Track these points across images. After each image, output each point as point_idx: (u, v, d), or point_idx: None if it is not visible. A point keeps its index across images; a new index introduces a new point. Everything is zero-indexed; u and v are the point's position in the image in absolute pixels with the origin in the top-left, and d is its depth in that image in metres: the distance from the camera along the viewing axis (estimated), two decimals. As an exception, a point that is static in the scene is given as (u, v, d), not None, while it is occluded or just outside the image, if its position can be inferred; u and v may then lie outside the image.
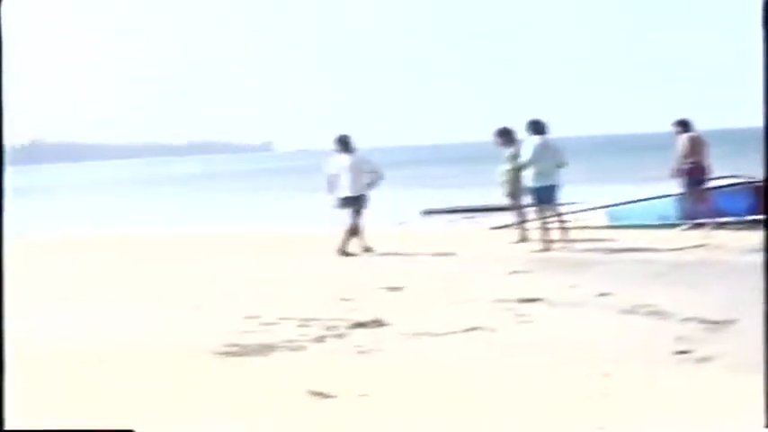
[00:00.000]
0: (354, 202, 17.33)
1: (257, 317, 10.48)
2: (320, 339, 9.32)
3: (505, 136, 17.88)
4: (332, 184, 17.52)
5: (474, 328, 9.51)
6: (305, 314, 10.48)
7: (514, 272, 13.49)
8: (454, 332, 9.40)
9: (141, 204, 42.08)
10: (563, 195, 17.13)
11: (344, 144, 17.62)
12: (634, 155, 64.61)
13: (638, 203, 20.07)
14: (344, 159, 17.48)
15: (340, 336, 9.46)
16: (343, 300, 11.48)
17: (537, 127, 16.80)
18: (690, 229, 17.79)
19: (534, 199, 16.63)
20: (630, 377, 7.39)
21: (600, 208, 20.59)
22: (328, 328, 9.75)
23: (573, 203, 20.71)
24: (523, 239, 17.35)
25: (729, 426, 6.09)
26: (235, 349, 8.96)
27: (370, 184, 17.43)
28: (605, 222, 19.50)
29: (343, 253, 16.81)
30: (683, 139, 18.31)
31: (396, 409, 6.85)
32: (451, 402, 6.97)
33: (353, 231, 17.19)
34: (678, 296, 10.83)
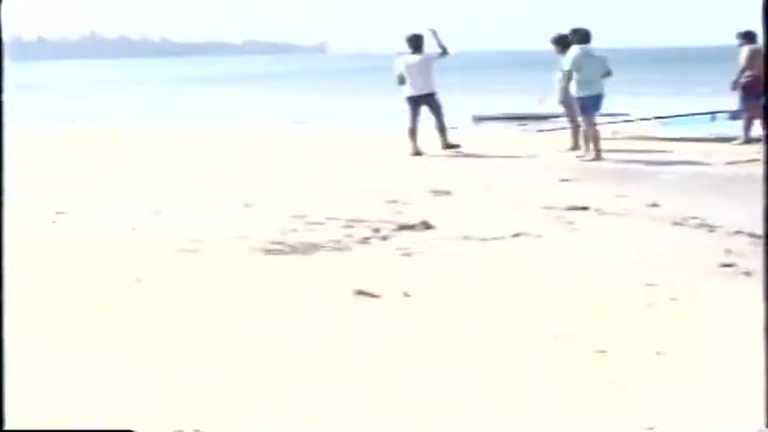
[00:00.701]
0: (423, 101, 17.56)
1: (303, 216, 10.51)
2: (365, 241, 9.34)
3: (560, 43, 17.69)
4: (402, 82, 17.79)
5: (520, 234, 9.51)
6: (351, 215, 10.49)
7: (565, 180, 13.43)
8: (501, 237, 9.40)
9: (194, 101, 42.11)
10: (613, 105, 17.01)
11: (414, 43, 17.77)
12: (685, 67, 63.81)
13: (689, 116, 19.90)
14: (413, 58, 17.66)
15: (385, 237, 9.48)
16: (390, 201, 11.48)
17: (579, 36, 16.76)
18: (744, 143, 17.61)
19: (579, 108, 16.59)
20: (675, 288, 7.36)
21: (652, 119, 20.41)
22: (374, 230, 9.77)
23: (623, 114, 20.55)
24: (574, 147, 17.24)
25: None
26: (279, 247, 9.01)
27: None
28: (656, 134, 19.33)
29: (417, 153, 17.11)
30: (745, 50, 18.02)
31: (439, 309, 6.89)
32: (493, 304, 6.99)
33: (440, 129, 17.58)
34: (728, 209, 10.74)
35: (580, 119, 16.69)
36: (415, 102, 17.64)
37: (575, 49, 16.61)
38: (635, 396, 5.16)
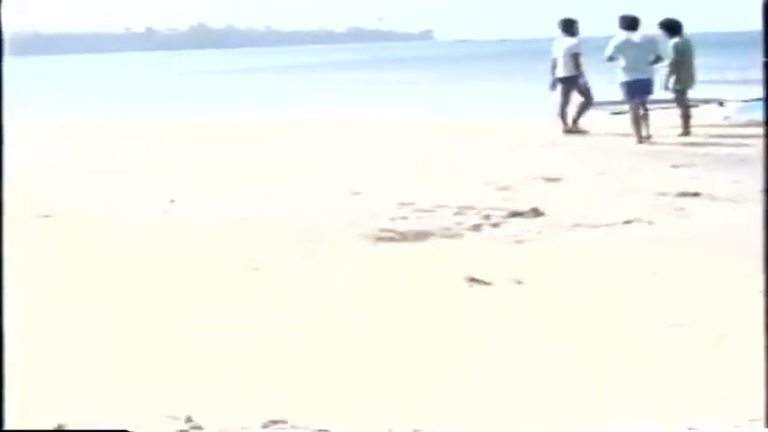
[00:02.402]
0: (572, 83, 18.05)
1: (412, 203, 10.53)
2: (476, 228, 9.35)
3: (666, 28, 17.69)
4: (553, 65, 18.36)
5: (632, 221, 9.45)
6: (462, 201, 10.49)
7: (675, 165, 13.31)
8: (612, 224, 9.35)
9: (306, 89, 42.34)
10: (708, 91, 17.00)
11: (567, 27, 18.34)
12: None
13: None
14: (565, 42, 18.17)
15: (496, 224, 9.48)
16: (500, 188, 11.47)
17: (624, 22, 17.22)
18: None
19: (625, 92, 16.96)
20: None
21: (739, 101, 20.16)
22: (485, 217, 9.76)
23: (716, 99, 20.39)
24: (685, 133, 17.10)
25: None
26: (390, 235, 9.06)
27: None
28: (755, 118, 19.05)
29: (574, 131, 17.76)
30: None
31: (551, 296, 6.88)
32: (605, 292, 6.97)
33: (584, 107, 18.08)
34: None
35: (629, 103, 16.99)
36: (566, 83, 18.08)
37: (621, 35, 17.08)
38: (754, 383, 5.12)
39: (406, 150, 16.06)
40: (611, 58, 17.13)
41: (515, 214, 9.87)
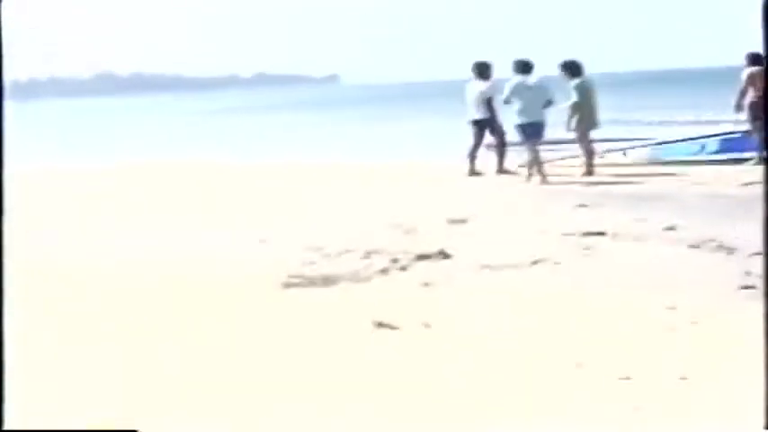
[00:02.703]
0: (485, 125, 18.29)
1: (321, 248, 10.50)
2: (384, 271, 9.33)
3: (568, 69, 18.02)
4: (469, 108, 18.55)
5: (539, 261, 9.49)
6: (370, 245, 10.48)
7: (581, 205, 13.43)
8: (519, 265, 9.38)
9: (208, 134, 42.18)
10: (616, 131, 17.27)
11: (481, 71, 18.57)
12: (687, 89, 63.86)
13: (684, 141, 19.96)
14: (478, 85, 18.35)
15: (404, 268, 9.48)
16: (408, 231, 11.48)
17: (518, 66, 17.65)
18: (758, 163, 17.61)
19: (520, 135, 17.36)
20: (696, 311, 7.35)
21: (649, 144, 20.49)
22: (393, 260, 9.76)
23: (627, 140, 20.70)
24: (588, 173, 17.33)
25: None
26: (298, 280, 9.01)
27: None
28: (657, 159, 19.41)
29: (473, 174, 18.01)
30: (746, 72, 18.16)
31: (459, 340, 6.87)
32: (512, 333, 6.98)
33: (501, 150, 18.25)
34: (745, 231, 10.71)
35: (524, 145, 17.37)
36: (478, 126, 18.30)
37: (516, 78, 17.50)
38: (661, 424, 5.15)
39: (315, 194, 16.04)
40: (507, 101, 17.52)
41: (423, 257, 9.87)
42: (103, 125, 59.06)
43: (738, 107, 18.25)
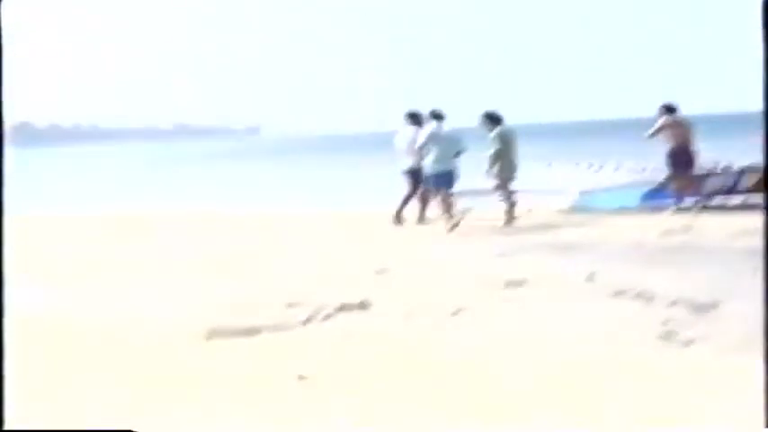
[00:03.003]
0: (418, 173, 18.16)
1: (244, 299, 10.45)
2: (306, 322, 9.30)
3: (490, 120, 18.23)
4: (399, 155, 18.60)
5: (459, 311, 9.51)
6: (293, 295, 10.44)
7: (502, 254, 13.50)
8: (440, 315, 9.39)
9: (124, 186, 41.92)
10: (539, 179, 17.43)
11: (413, 119, 18.64)
12: (612, 138, 64.73)
13: (607, 190, 20.20)
14: (410, 134, 18.38)
15: (326, 317, 9.45)
16: (330, 282, 11.46)
17: (432, 116, 17.98)
18: (675, 213, 17.87)
19: (433, 183, 17.54)
20: (616, 360, 7.40)
21: (576, 193, 20.69)
22: (316, 311, 9.73)
23: (548, 191, 20.90)
24: (509, 221, 17.47)
25: (715, 407, 6.11)
26: (221, 331, 8.95)
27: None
28: (581, 208, 19.62)
29: (398, 222, 18.07)
30: (662, 123, 18.49)
31: (380, 392, 6.86)
32: (433, 384, 6.98)
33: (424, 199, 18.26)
34: (664, 280, 10.84)
35: (435, 193, 17.60)
36: (410, 175, 18.29)
37: (429, 127, 17.78)
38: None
39: (238, 244, 15.98)
40: (423, 149, 17.69)
41: (345, 307, 9.85)
42: (21, 177, 58.29)
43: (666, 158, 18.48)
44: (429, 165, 17.53)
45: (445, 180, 17.43)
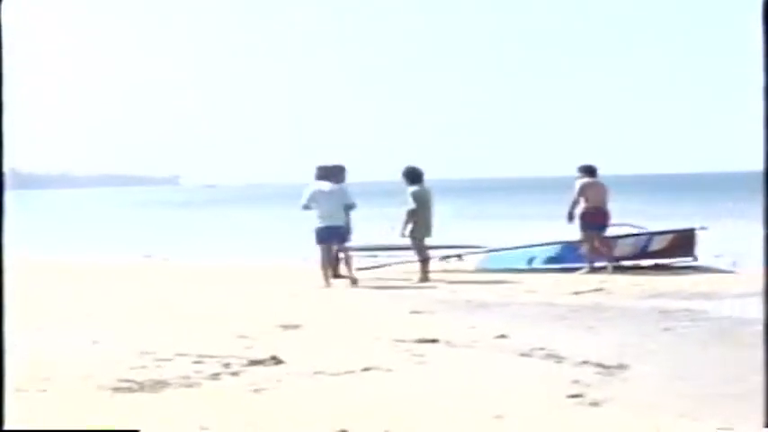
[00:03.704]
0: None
1: (152, 352, 10.34)
2: (215, 377, 9.22)
3: (408, 177, 18.33)
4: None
5: (371, 368, 9.49)
6: (200, 350, 10.36)
7: (415, 312, 13.54)
8: (352, 371, 9.36)
9: (37, 231, 41.45)
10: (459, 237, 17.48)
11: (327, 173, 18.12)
12: (525, 197, 65.39)
13: (516, 248, 20.39)
14: (325, 186, 17.91)
15: (235, 373, 9.38)
16: (240, 336, 11.39)
17: (319, 172, 17.93)
18: (588, 272, 18.04)
19: (317, 238, 17.59)
20: (524, 420, 7.42)
21: (487, 251, 20.83)
22: (224, 365, 9.65)
23: (462, 246, 21.03)
24: (424, 279, 17.53)
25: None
26: (127, 385, 8.85)
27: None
28: (486, 267, 19.78)
29: (334, 277, 17.70)
30: (578, 183, 18.72)
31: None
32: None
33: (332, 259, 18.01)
34: (574, 339, 10.93)
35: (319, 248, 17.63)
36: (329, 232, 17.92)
37: (315, 185, 17.78)
38: None
39: (148, 296, 15.86)
40: (306, 207, 17.76)
41: (255, 362, 9.79)
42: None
43: (570, 217, 18.73)
44: (316, 220, 17.63)
45: (333, 235, 17.54)
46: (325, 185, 17.72)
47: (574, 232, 19.03)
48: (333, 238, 17.52)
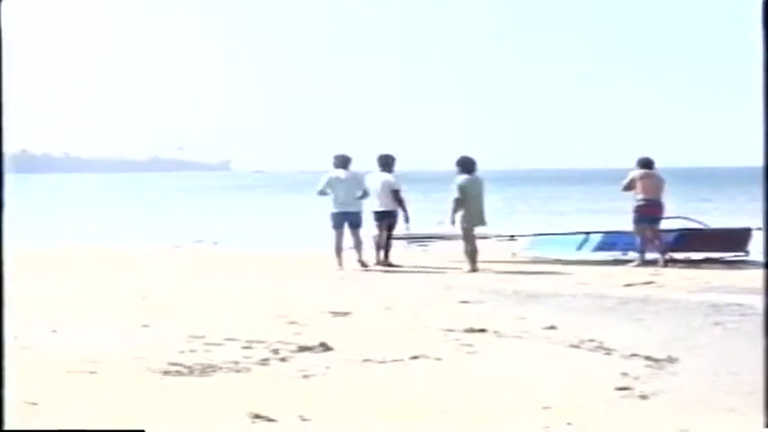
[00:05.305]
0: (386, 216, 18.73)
1: (202, 336, 10.40)
2: (264, 362, 9.27)
3: (460, 165, 18.35)
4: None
5: (419, 356, 9.50)
6: (249, 335, 10.41)
7: (464, 301, 13.53)
8: (400, 359, 9.38)
9: (96, 219, 41.74)
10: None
11: (386, 163, 19.00)
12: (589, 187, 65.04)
13: (562, 235, 20.43)
14: (382, 177, 18.77)
15: (284, 359, 9.42)
16: (290, 322, 11.43)
17: (337, 160, 18.68)
18: (639, 265, 17.94)
19: (333, 222, 18.37)
20: (571, 412, 7.40)
21: (528, 236, 20.87)
22: (273, 351, 9.70)
23: (506, 235, 21.03)
24: (473, 269, 17.51)
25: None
26: (177, 368, 8.90)
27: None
28: (532, 254, 19.82)
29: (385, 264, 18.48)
30: (632, 175, 18.63)
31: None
32: (391, 429, 6.97)
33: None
34: (624, 332, 10.88)
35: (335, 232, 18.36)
36: (382, 217, 18.64)
37: (332, 172, 18.54)
38: None
39: (197, 282, 15.95)
40: (321, 193, 18.62)
41: (304, 349, 9.83)
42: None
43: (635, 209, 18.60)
44: (332, 205, 18.43)
45: (348, 220, 18.23)
46: (342, 173, 18.43)
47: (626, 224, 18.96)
48: (350, 224, 18.21)
